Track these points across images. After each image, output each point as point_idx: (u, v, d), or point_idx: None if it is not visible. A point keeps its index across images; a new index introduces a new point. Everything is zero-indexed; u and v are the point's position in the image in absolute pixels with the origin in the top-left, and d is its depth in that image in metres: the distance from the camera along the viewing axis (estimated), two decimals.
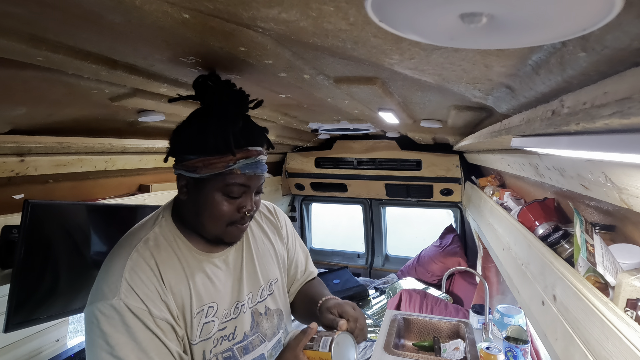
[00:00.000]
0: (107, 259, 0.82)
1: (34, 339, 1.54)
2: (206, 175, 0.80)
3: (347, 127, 2.28)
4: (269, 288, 1.00)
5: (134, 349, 0.72)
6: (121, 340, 0.72)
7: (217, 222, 0.83)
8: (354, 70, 0.86)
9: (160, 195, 2.04)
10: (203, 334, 0.84)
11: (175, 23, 0.56)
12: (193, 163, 0.80)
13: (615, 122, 0.39)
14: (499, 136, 0.99)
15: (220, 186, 0.81)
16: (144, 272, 0.78)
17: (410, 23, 0.33)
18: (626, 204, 0.66)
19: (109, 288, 0.75)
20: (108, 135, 1.58)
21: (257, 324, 0.94)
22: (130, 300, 0.74)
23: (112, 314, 0.73)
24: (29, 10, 0.54)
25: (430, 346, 1.87)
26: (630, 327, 0.50)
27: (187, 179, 0.83)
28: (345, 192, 3.51)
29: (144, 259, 0.79)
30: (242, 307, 0.92)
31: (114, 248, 0.84)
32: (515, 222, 1.16)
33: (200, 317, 0.83)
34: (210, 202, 0.82)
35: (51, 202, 1.37)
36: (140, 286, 0.76)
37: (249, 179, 0.82)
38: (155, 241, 0.83)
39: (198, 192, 0.82)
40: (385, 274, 3.59)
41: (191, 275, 0.84)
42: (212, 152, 0.79)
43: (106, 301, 0.73)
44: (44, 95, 1.06)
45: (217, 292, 0.87)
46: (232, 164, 0.79)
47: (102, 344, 0.72)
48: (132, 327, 0.73)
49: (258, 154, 0.83)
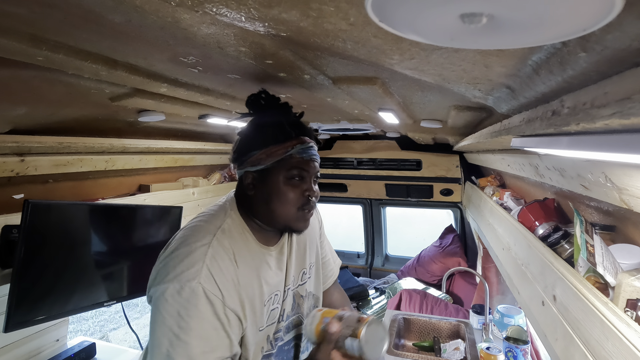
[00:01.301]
0: (182, 242, 0.85)
1: (34, 339, 1.54)
2: (270, 164, 0.89)
3: (347, 127, 2.29)
4: (309, 271, 1.09)
5: (199, 335, 0.76)
6: (190, 324, 0.75)
7: (287, 206, 0.91)
8: (354, 70, 0.86)
9: (160, 195, 2.04)
10: (270, 320, 0.92)
11: (175, 23, 0.56)
12: (257, 157, 0.89)
13: (615, 122, 0.39)
14: (499, 136, 0.99)
15: (284, 173, 0.90)
16: (223, 261, 0.82)
17: (411, 23, 0.33)
18: (626, 204, 0.66)
19: (189, 271, 0.78)
20: (108, 135, 1.58)
21: (297, 305, 1.03)
22: (208, 285, 0.78)
23: (188, 295, 0.76)
24: (29, 10, 0.54)
25: (430, 346, 1.87)
26: (630, 328, 0.50)
27: (253, 174, 0.91)
28: (345, 192, 3.51)
29: (223, 248, 0.84)
30: (288, 290, 1.00)
31: (186, 232, 0.88)
32: (515, 222, 1.16)
33: (269, 304, 0.92)
34: (278, 189, 0.90)
35: (51, 202, 1.37)
36: (219, 274, 0.80)
37: (306, 163, 0.92)
38: (229, 232, 0.88)
39: (264, 184, 0.90)
40: (385, 274, 3.58)
41: (259, 266, 0.91)
42: (272, 142, 0.89)
43: (185, 282, 0.77)
44: (44, 95, 1.06)
45: (278, 281, 0.96)
46: (291, 149, 0.89)
47: (172, 323, 0.75)
48: (203, 312, 0.77)
49: (310, 142, 0.94)
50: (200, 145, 2.20)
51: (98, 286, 1.50)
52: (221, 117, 1.67)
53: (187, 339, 0.75)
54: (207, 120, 1.67)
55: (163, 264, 0.82)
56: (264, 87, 1.07)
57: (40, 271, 1.27)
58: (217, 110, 1.49)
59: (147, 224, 1.71)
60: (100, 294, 1.51)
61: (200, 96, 1.18)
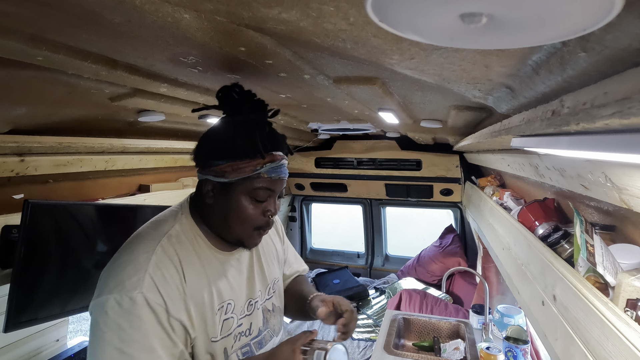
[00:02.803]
0: (125, 251, 0.81)
1: (34, 339, 1.54)
2: (234, 179, 0.83)
3: (347, 127, 2.29)
4: (273, 286, 1.04)
5: (143, 346, 0.72)
6: (133, 336, 0.72)
7: (244, 225, 0.87)
8: (354, 70, 0.86)
9: (160, 195, 2.04)
10: (224, 331, 0.86)
11: (175, 23, 0.56)
12: (222, 168, 0.83)
13: (615, 122, 0.39)
14: (499, 136, 0.99)
15: (248, 190, 0.84)
16: (167, 270, 0.78)
17: (410, 23, 0.33)
18: (626, 204, 0.66)
19: (130, 280, 0.74)
20: (108, 135, 1.58)
21: (266, 320, 0.99)
22: (151, 295, 0.74)
23: (129, 306, 0.72)
24: (29, 10, 0.54)
25: (430, 346, 1.87)
26: (630, 327, 0.50)
27: (214, 183, 0.85)
28: (345, 192, 3.51)
29: (168, 255, 0.80)
30: (255, 303, 0.96)
31: (131, 240, 0.84)
32: (515, 222, 1.16)
33: (220, 313, 0.86)
34: (238, 206, 0.85)
35: (51, 202, 1.37)
36: (162, 283, 0.76)
37: (273, 183, 0.86)
38: (177, 238, 0.84)
39: (225, 197, 0.85)
40: (385, 274, 3.59)
41: (211, 273, 0.86)
42: (241, 156, 0.82)
43: (126, 293, 0.73)
44: (44, 95, 1.06)
45: (233, 290, 0.90)
46: (260, 168, 0.83)
47: (112, 337, 0.71)
48: (146, 323, 0.73)
49: (282, 159, 0.88)
50: None
51: None
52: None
53: (130, 351, 0.71)
54: (207, 120, 1.67)
55: (105, 275, 0.78)
56: (264, 87, 1.06)
57: (40, 271, 1.27)
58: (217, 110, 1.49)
59: None
60: None
61: (200, 96, 1.19)
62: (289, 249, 1.22)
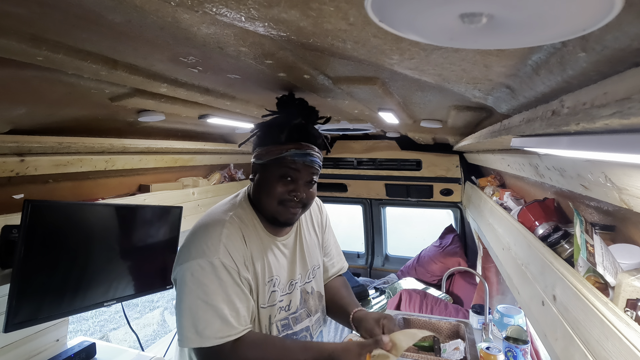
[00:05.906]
0: (200, 227, 0.99)
1: (34, 339, 1.54)
2: (266, 160, 1.01)
3: (347, 127, 2.28)
4: (313, 272, 1.20)
5: (224, 299, 0.91)
6: (216, 291, 0.90)
7: (269, 199, 1.02)
8: (354, 70, 0.86)
9: (160, 195, 2.04)
10: (270, 300, 1.04)
11: (175, 23, 0.56)
12: (259, 152, 1.03)
13: (615, 122, 0.39)
14: (499, 136, 0.99)
15: (277, 170, 1.01)
16: (236, 240, 0.97)
17: (410, 23, 0.33)
18: (626, 204, 0.66)
19: (209, 248, 0.93)
20: (108, 135, 1.58)
21: (304, 301, 1.15)
22: (226, 260, 0.93)
23: (210, 268, 0.91)
24: (29, 10, 0.54)
25: (430, 346, 1.86)
26: (630, 327, 0.50)
27: (257, 166, 1.05)
28: (345, 192, 3.51)
29: (235, 230, 0.99)
30: (295, 284, 1.12)
31: (204, 219, 1.02)
32: (515, 222, 1.16)
33: (270, 285, 1.03)
34: (266, 182, 1.02)
35: (51, 202, 1.37)
36: (233, 251, 0.95)
37: (298, 167, 1.00)
38: (239, 218, 1.02)
39: (261, 175, 1.04)
40: (385, 274, 3.58)
41: (265, 250, 1.04)
42: (271, 141, 1.01)
43: (206, 258, 0.91)
44: (44, 95, 1.06)
45: (279, 268, 1.07)
46: (285, 152, 0.99)
47: (199, 292, 0.89)
48: (224, 281, 0.92)
49: (307, 148, 1.01)
50: (200, 145, 2.20)
51: (98, 286, 1.50)
52: (221, 117, 1.67)
53: (215, 303, 0.89)
54: (207, 120, 1.67)
55: (186, 246, 0.96)
56: (264, 87, 1.07)
57: (40, 271, 1.27)
58: (217, 110, 1.49)
59: (147, 224, 1.71)
60: (100, 294, 1.51)
61: (200, 96, 1.18)
62: (331, 239, 1.35)
